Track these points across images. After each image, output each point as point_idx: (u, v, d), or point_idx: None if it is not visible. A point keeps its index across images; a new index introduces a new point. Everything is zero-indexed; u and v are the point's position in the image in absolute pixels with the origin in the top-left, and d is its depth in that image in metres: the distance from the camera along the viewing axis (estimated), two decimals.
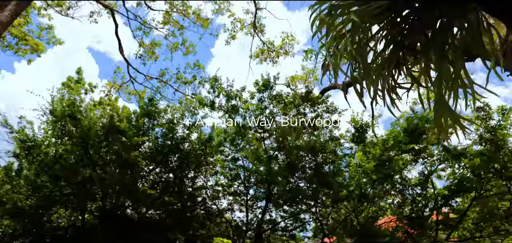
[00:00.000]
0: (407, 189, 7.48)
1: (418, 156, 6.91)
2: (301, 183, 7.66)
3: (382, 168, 6.50)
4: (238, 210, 11.27)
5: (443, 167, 7.77)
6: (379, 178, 6.50)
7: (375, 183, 6.48)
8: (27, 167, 11.06)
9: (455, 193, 6.85)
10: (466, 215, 7.07)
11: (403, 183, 7.50)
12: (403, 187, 7.50)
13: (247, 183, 10.37)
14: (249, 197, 10.51)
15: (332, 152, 7.31)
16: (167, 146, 9.09)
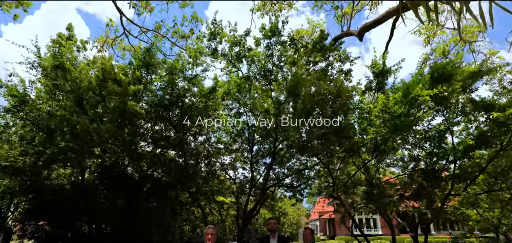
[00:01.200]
0: (424, 140, 6.99)
1: (442, 105, 6.33)
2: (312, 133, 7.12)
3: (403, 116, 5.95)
4: (241, 167, 10.94)
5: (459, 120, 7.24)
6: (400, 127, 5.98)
7: (397, 131, 5.98)
8: (20, 124, 10.61)
9: (478, 145, 6.38)
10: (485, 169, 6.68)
11: (422, 133, 6.99)
12: (421, 138, 7.00)
13: (251, 139, 9.89)
14: (253, 153, 10.08)
15: (346, 100, 6.69)
16: (167, 100, 8.49)
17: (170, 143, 8.83)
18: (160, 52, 10.15)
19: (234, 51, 8.60)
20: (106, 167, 9.68)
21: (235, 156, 10.50)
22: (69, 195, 9.12)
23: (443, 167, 7.06)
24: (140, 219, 12.35)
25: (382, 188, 6.54)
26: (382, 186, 6.55)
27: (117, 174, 10.05)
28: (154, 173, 9.88)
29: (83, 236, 10.95)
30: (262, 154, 10.14)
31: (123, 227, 11.83)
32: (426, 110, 6.32)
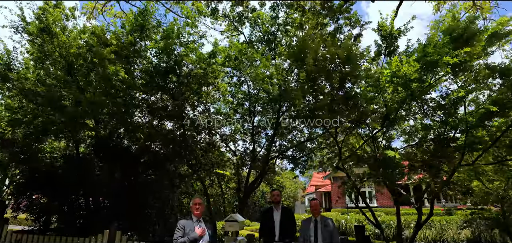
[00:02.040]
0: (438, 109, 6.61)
1: (460, 69, 5.91)
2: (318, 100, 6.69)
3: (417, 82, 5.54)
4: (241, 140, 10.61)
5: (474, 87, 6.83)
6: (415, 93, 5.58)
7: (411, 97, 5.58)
8: (6, 93, 10.02)
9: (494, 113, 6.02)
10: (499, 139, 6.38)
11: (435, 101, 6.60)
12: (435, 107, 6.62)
13: (252, 110, 9.46)
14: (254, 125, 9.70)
15: (356, 65, 6.21)
16: (163, 68, 7.94)
17: (168, 113, 8.37)
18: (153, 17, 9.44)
19: (236, 11, 7.95)
20: (101, 139, 9.25)
21: (235, 127, 10.11)
22: (63, 168, 8.74)
23: (454, 137, 6.75)
24: (138, 192, 12.11)
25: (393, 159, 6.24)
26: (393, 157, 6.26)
27: (113, 146, 9.65)
28: (151, 145, 9.49)
29: (80, 209, 10.70)
30: (263, 125, 9.76)
31: (120, 200, 11.60)
32: (441, 75, 5.90)
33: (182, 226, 3.95)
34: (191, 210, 4.16)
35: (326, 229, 4.74)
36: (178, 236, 3.89)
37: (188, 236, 3.84)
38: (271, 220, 5.17)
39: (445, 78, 6.09)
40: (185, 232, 3.89)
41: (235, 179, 10.83)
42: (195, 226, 4.01)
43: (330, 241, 4.66)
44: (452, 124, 6.50)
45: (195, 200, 4.22)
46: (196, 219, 4.09)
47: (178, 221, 4.03)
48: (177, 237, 3.89)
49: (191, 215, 4.12)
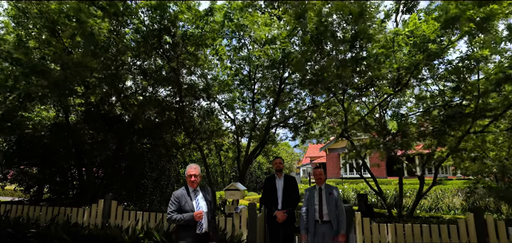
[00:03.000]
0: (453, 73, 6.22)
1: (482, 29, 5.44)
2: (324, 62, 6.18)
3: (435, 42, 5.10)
4: (240, 108, 10.16)
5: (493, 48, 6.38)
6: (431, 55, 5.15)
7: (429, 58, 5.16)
8: None
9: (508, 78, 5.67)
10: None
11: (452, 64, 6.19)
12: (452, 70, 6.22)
13: (252, 76, 8.95)
14: (254, 92, 9.23)
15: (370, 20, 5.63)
16: (157, 28, 7.27)
17: (163, 77, 7.81)
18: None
19: None
20: (91, 106, 8.72)
21: (233, 94, 9.63)
22: (51, 136, 8.27)
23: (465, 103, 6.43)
24: (133, 162, 11.81)
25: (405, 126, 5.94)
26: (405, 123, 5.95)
27: (104, 113, 9.15)
28: (145, 112, 8.98)
29: (73, 180, 10.40)
30: (263, 92, 9.28)
31: (115, 170, 11.30)
32: (459, 36, 5.43)
33: (177, 198, 3.49)
34: (187, 182, 3.64)
35: (330, 197, 4.52)
36: (172, 211, 3.43)
37: (183, 216, 3.38)
38: (273, 188, 4.93)
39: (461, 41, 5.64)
40: (180, 205, 3.45)
41: (234, 149, 10.53)
42: (192, 197, 3.54)
43: (335, 209, 4.45)
44: (465, 90, 6.17)
45: (190, 169, 3.64)
46: (193, 190, 3.60)
47: (173, 193, 3.55)
48: (172, 214, 3.42)
49: (186, 185, 3.65)
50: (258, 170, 30.69)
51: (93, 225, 5.26)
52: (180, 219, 3.39)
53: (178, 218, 3.40)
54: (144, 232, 4.79)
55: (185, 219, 3.40)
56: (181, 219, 3.39)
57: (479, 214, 4.57)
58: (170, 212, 3.45)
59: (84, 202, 8.69)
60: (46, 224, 5.35)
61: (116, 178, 11.48)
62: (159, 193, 14.03)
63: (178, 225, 3.46)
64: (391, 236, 4.64)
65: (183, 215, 3.42)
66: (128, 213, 5.33)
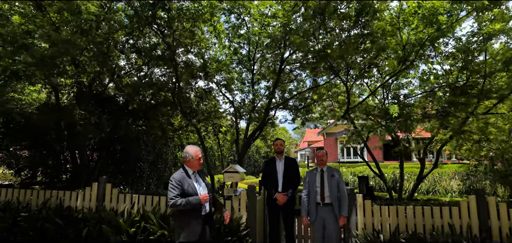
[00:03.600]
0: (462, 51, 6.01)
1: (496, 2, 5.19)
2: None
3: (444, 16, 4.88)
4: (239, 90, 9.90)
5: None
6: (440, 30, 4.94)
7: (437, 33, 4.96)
8: None
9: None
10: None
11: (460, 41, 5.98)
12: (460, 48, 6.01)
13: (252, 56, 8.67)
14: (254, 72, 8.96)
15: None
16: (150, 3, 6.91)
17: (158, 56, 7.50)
18: None
19: None
20: (83, 86, 8.43)
21: (231, 75, 9.36)
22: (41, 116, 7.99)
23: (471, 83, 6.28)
24: (129, 145, 11.63)
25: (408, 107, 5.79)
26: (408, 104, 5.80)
27: (97, 94, 8.89)
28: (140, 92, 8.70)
29: (66, 163, 10.21)
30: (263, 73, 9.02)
31: (110, 153, 11.12)
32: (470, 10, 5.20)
33: (179, 182, 3.28)
34: (188, 164, 3.45)
35: (332, 180, 4.43)
36: (176, 195, 3.22)
37: (189, 200, 3.21)
38: (274, 170, 4.83)
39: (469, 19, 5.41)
40: (183, 190, 3.27)
41: (232, 131, 10.37)
42: (193, 180, 3.43)
43: (337, 191, 4.37)
44: (471, 70, 6.00)
45: (198, 152, 3.49)
46: (192, 172, 3.45)
47: (173, 176, 3.33)
48: (176, 198, 3.21)
49: (184, 167, 3.46)
50: (256, 154, 30.75)
51: (87, 209, 5.14)
52: (186, 203, 3.23)
53: (184, 202, 3.21)
54: (140, 215, 4.68)
55: (192, 203, 3.24)
56: (187, 203, 3.24)
57: (481, 195, 4.52)
58: (173, 197, 3.23)
59: (78, 186, 8.55)
60: (37, 208, 5.21)
61: (111, 161, 11.32)
62: (156, 176, 13.94)
63: (182, 210, 3.29)
64: (393, 218, 4.58)
65: (189, 199, 3.24)
66: (123, 196, 5.20)
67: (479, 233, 4.22)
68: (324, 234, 4.49)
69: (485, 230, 4.28)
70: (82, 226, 4.59)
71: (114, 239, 4.42)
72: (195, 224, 3.28)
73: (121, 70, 8.80)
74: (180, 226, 3.31)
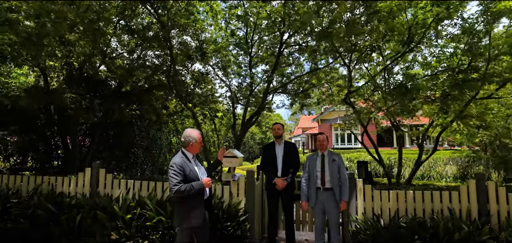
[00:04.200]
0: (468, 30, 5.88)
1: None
2: None
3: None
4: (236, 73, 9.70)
5: None
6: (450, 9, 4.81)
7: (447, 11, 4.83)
8: None
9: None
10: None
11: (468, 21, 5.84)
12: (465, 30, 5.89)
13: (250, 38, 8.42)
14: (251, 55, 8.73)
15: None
16: None
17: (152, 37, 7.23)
18: None
19: None
20: (73, 68, 8.14)
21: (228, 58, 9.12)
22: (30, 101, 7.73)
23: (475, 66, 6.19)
24: (122, 130, 11.43)
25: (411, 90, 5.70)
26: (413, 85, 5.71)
27: (88, 77, 8.61)
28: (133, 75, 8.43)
29: (57, 148, 10.01)
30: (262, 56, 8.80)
31: (102, 138, 10.93)
32: None
33: (181, 167, 3.17)
34: (190, 148, 3.36)
35: (333, 164, 4.38)
36: (179, 182, 3.11)
37: (193, 185, 3.12)
38: (273, 155, 4.75)
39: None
40: (185, 175, 3.17)
41: (228, 116, 10.23)
42: (194, 166, 3.30)
43: (338, 176, 4.33)
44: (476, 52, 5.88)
45: (200, 135, 3.43)
46: (192, 156, 3.37)
47: (173, 161, 3.20)
48: (179, 185, 3.10)
49: (184, 152, 3.35)
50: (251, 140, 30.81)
51: (80, 195, 5.01)
52: (190, 188, 3.13)
53: (188, 188, 3.12)
54: (135, 201, 4.58)
55: (196, 189, 3.16)
56: (192, 189, 3.14)
57: (481, 179, 4.53)
58: (177, 183, 3.11)
59: (70, 172, 8.40)
60: (28, 194, 5.07)
61: (103, 147, 11.14)
62: (150, 162, 13.83)
63: (184, 196, 3.19)
64: (393, 202, 4.58)
65: (192, 184, 3.16)
66: (118, 181, 5.08)
67: (479, 217, 4.24)
68: (324, 219, 4.48)
69: (485, 214, 4.30)
70: (75, 213, 4.48)
71: (110, 226, 4.33)
72: (197, 210, 3.21)
73: (113, 53, 8.51)
74: (182, 212, 3.23)
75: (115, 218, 4.38)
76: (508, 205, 4.37)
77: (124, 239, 4.25)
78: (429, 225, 3.99)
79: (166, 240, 4.13)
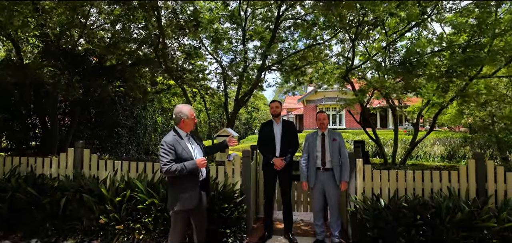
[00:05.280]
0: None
1: None
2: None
3: None
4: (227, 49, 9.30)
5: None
6: None
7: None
8: None
9: None
10: None
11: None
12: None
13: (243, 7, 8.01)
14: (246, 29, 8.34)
15: None
16: None
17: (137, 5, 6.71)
18: None
19: None
20: (50, 41, 7.55)
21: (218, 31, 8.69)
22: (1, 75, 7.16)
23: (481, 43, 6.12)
24: (105, 108, 10.97)
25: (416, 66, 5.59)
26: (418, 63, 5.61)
27: (65, 51, 8.04)
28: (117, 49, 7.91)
29: (34, 128, 9.49)
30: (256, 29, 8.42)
31: (84, 117, 10.46)
32: None
33: (171, 145, 2.99)
34: (182, 125, 3.16)
35: (334, 144, 4.30)
36: (170, 161, 2.94)
37: (185, 165, 2.94)
38: (271, 134, 4.59)
39: None
40: (177, 154, 2.99)
41: (219, 94, 9.93)
42: (187, 144, 3.12)
43: (338, 156, 4.26)
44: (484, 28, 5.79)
45: (192, 110, 3.22)
46: (186, 134, 3.18)
47: (164, 140, 3.03)
48: (170, 164, 2.93)
49: (176, 130, 3.18)
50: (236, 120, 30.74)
51: (63, 177, 4.73)
52: (182, 168, 2.95)
53: (179, 168, 2.94)
54: (124, 183, 4.36)
55: (188, 169, 2.97)
56: (183, 169, 2.95)
57: (481, 159, 4.57)
58: (167, 162, 2.95)
59: (50, 152, 8.00)
60: (5, 177, 4.73)
61: (85, 126, 10.68)
62: (135, 142, 13.47)
63: (176, 177, 3.01)
64: (392, 182, 4.57)
65: (184, 164, 2.97)
66: (104, 162, 4.82)
67: (477, 197, 4.30)
68: (323, 200, 4.44)
69: (483, 193, 4.36)
70: (59, 196, 4.22)
71: (97, 209, 4.12)
72: (191, 191, 3.04)
73: (94, 24, 7.93)
74: (175, 194, 3.07)
75: (103, 201, 4.17)
76: (505, 184, 4.44)
77: (114, 223, 4.06)
78: (431, 205, 3.99)
79: (160, 223, 3.98)
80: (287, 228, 4.70)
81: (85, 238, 4.17)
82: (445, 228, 3.71)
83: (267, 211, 4.74)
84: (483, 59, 5.49)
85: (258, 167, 5.62)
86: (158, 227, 3.99)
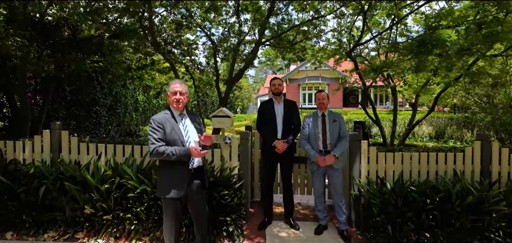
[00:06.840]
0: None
1: None
2: None
3: None
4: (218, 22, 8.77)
5: None
6: None
7: None
8: None
9: None
10: None
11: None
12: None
13: None
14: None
15: None
16: None
17: None
18: None
19: None
20: (14, 6, 6.79)
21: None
22: None
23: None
24: (81, 86, 10.31)
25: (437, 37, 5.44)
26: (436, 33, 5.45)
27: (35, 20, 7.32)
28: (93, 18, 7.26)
29: (2, 107, 8.79)
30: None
31: (58, 95, 9.79)
32: None
33: (160, 123, 2.75)
34: (169, 103, 2.91)
35: (334, 125, 4.15)
36: (157, 139, 2.70)
37: (175, 150, 2.67)
38: (272, 114, 4.35)
39: None
40: (165, 133, 2.74)
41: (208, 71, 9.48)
42: (177, 122, 2.85)
43: (338, 137, 4.12)
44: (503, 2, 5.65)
45: (174, 85, 2.89)
46: (179, 113, 2.90)
47: (152, 117, 2.78)
48: (157, 144, 2.69)
49: (169, 107, 2.92)
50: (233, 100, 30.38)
51: (39, 162, 4.33)
52: (171, 153, 2.68)
53: (168, 152, 2.67)
54: (111, 169, 4.04)
55: (178, 155, 2.70)
56: (173, 154, 2.68)
57: (486, 141, 4.58)
58: (154, 141, 2.70)
59: (21, 135, 7.43)
60: None
61: (59, 105, 10.03)
62: (115, 122, 12.91)
63: (165, 161, 2.75)
64: (397, 164, 4.51)
65: (175, 149, 2.70)
66: (85, 145, 4.44)
67: (482, 179, 4.32)
68: (324, 183, 4.33)
69: (487, 175, 4.40)
70: (37, 184, 3.86)
71: (82, 198, 3.80)
72: (179, 179, 2.79)
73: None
74: (161, 179, 2.86)
75: (88, 189, 3.86)
76: (509, 166, 4.49)
77: (101, 213, 3.79)
78: (440, 189, 3.96)
79: (153, 212, 3.74)
80: (288, 213, 4.60)
81: (69, 229, 3.88)
82: (455, 212, 3.69)
83: (266, 195, 4.58)
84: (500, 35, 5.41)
85: (253, 148, 5.43)
86: (151, 216, 3.75)
